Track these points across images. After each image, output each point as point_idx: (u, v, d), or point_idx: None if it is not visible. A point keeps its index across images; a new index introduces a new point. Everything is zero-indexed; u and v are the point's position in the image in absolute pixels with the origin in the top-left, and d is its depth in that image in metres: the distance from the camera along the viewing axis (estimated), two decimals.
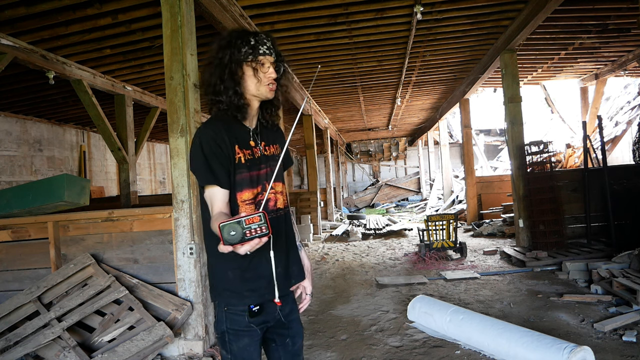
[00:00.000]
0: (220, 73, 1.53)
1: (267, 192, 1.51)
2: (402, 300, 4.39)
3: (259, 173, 1.55)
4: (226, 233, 1.17)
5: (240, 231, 1.16)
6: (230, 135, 1.52)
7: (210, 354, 3.29)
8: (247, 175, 1.52)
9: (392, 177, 20.87)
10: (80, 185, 3.79)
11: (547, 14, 5.18)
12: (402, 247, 7.82)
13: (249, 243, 1.19)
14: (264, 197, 1.51)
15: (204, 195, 1.52)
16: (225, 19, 4.32)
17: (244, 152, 1.53)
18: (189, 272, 3.39)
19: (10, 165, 8.14)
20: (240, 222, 1.17)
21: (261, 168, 1.56)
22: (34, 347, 2.99)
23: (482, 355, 3.03)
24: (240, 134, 1.56)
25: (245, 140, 1.56)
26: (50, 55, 5.23)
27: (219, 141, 1.49)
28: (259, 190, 1.55)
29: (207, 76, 1.57)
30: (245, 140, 1.56)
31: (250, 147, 1.56)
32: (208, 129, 1.52)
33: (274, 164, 1.55)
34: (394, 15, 5.30)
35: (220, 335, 1.57)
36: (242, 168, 1.51)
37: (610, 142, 9.35)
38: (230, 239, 1.17)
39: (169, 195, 6.36)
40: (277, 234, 1.51)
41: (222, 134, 1.50)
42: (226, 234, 1.17)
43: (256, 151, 1.57)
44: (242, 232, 1.16)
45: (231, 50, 1.52)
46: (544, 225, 5.87)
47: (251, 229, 1.17)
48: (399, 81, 8.63)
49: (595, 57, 7.99)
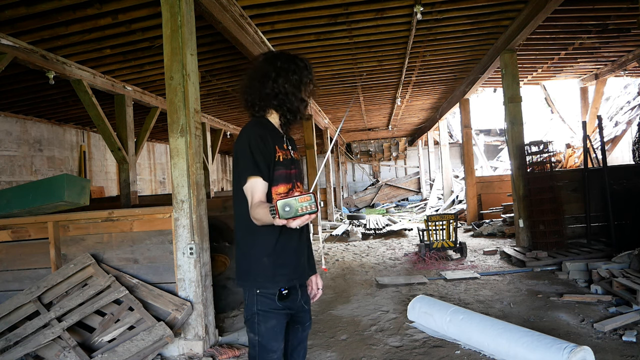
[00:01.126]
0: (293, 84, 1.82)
1: (301, 189, 1.84)
2: (402, 300, 4.39)
3: (291, 172, 1.81)
4: (281, 209, 1.33)
5: (294, 207, 1.32)
6: (272, 136, 1.79)
7: (210, 354, 3.29)
8: (284, 172, 1.77)
9: (392, 177, 20.85)
10: (80, 185, 3.79)
11: (547, 14, 5.18)
12: (402, 247, 7.82)
13: (301, 218, 1.37)
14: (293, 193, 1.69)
15: (244, 186, 1.71)
16: (225, 19, 4.32)
17: (282, 153, 1.80)
18: (189, 272, 3.39)
19: (10, 165, 8.14)
20: (295, 200, 1.33)
21: (292, 168, 1.82)
22: (34, 347, 2.99)
23: (482, 355, 3.03)
24: (278, 137, 1.83)
25: (281, 143, 1.83)
26: (50, 55, 5.23)
27: (264, 139, 1.74)
28: (291, 186, 1.79)
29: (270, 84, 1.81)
30: (281, 143, 1.83)
31: (284, 149, 1.83)
32: (256, 127, 1.79)
33: (299, 167, 1.88)
34: (394, 15, 5.30)
35: (250, 317, 1.77)
36: (280, 165, 1.76)
37: (610, 142, 9.35)
38: (285, 214, 1.32)
39: (169, 195, 6.36)
40: (301, 228, 1.78)
41: (267, 134, 1.77)
42: (281, 210, 1.33)
43: (287, 154, 1.83)
44: (296, 209, 1.32)
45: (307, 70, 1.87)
46: (544, 225, 5.87)
47: (303, 206, 1.33)
48: (399, 81, 8.63)
49: (595, 57, 7.98)
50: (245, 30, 4.83)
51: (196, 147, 3.47)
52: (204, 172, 4.02)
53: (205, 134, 9.70)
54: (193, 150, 3.42)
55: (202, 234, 3.48)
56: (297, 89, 1.82)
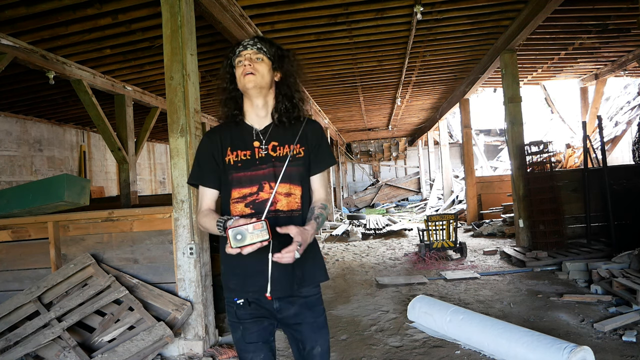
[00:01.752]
0: (221, 78, 1.66)
1: (273, 192, 1.55)
2: (402, 300, 4.39)
3: (257, 173, 1.57)
4: (233, 238, 1.30)
5: (246, 235, 1.30)
6: (224, 138, 1.63)
7: (210, 354, 3.29)
8: (239, 175, 1.58)
9: (392, 177, 20.85)
10: (81, 185, 3.78)
11: (547, 14, 5.18)
12: (402, 247, 7.82)
13: (252, 246, 1.33)
14: (259, 197, 1.56)
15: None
16: (225, 19, 4.32)
17: (238, 153, 1.60)
18: (189, 272, 3.39)
19: (10, 165, 8.14)
20: (246, 228, 1.30)
21: (261, 168, 1.58)
22: (34, 347, 2.99)
23: (482, 355, 3.03)
24: (239, 136, 1.63)
25: (246, 141, 1.61)
26: (50, 55, 5.23)
27: (210, 145, 1.62)
28: (254, 189, 1.57)
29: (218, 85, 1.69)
30: (245, 141, 1.61)
31: (253, 147, 1.60)
32: (205, 135, 1.68)
33: (285, 163, 1.58)
34: (394, 15, 5.30)
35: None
36: (231, 169, 1.59)
37: (610, 142, 9.35)
38: (236, 242, 1.31)
39: (169, 195, 6.35)
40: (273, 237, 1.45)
41: (216, 138, 1.63)
42: (233, 239, 1.30)
43: (259, 151, 1.59)
44: (247, 237, 1.30)
45: (227, 56, 1.65)
46: (544, 225, 5.87)
47: (254, 234, 1.30)
48: (399, 81, 8.63)
49: (595, 57, 7.98)
50: (245, 30, 4.82)
51: (196, 147, 3.47)
52: None
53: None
54: (193, 150, 3.42)
55: (202, 234, 3.48)
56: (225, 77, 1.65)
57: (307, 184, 1.63)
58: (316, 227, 1.55)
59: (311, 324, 1.64)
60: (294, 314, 1.62)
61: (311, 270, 1.64)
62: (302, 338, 1.64)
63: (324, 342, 1.65)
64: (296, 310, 1.62)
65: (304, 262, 1.58)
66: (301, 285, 1.61)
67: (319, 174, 1.65)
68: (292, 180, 1.59)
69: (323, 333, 1.66)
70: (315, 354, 1.64)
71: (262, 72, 1.58)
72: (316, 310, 1.65)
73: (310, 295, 1.64)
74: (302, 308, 1.62)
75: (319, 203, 1.62)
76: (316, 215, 1.57)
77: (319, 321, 1.65)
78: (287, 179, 1.57)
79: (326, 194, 1.67)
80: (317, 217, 1.57)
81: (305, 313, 1.63)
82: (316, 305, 1.65)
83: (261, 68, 1.58)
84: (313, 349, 1.64)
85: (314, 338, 1.64)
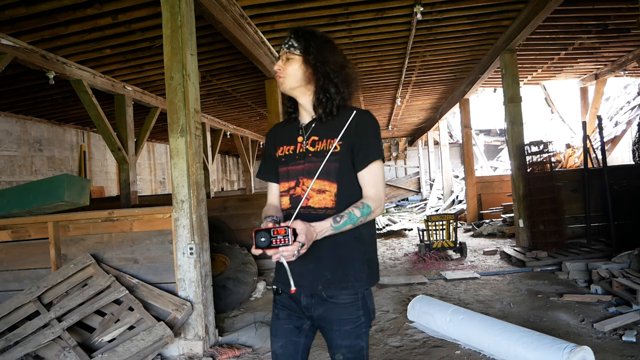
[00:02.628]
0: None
1: (307, 189, 1.53)
2: (402, 300, 4.39)
3: (295, 168, 1.58)
4: (257, 239, 1.36)
5: (269, 238, 1.34)
6: (277, 134, 1.70)
7: (210, 354, 3.29)
8: (283, 170, 1.62)
9: (392, 177, 20.85)
10: (81, 185, 3.78)
11: (547, 14, 5.18)
12: (402, 247, 7.82)
13: (274, 251, 1.36)
14: (295, 192, 1.57)
15: None
16: (225, 19, 4.32)
17: (284, 148, 1.63)
18: (189, 272, 3.39)
19: (10, 165, 8.14)
20: (269, 231, 1.35)
21: (299, 163, 1.57)
22: (34, 347, 2.99)
23: (482, 355, 3.03)
24: (289, 131, 1.66)
25: (292, 136, 1.64)
26: (50, 55, 5.23)
27: (268, 141, 1.72)
28: (292, 184, 1.58)
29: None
30: (293, 136, 1.64)
31: (296, 142, 1.62)
32: (268, 132, 1.78)
33: (323, 159, 1.51)
34: (394, 15, 5.30)
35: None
36: (279, 163, 1.64)
37: (610, 142, 9.35)
38: (260, 243, 1.36)
39: (169, 195, 6.36)
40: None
41: (271, 134, 1.73)
42: (257, 239, 1.36)
43: (300, 147, 1.60)
44: (269, 240, 1.34)
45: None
46: (544, 225, 5.87)
47: (277, 238, 1.34)
48: (399, 81, 8.63)
49: (595, 57, 7.98)
50: (245, 30, 4.83)
51: (196, 147, 3.47)
52: (204, 172, 4.02)
53: (205, 134, 9.70)
54: (193, 150, 3.42)
55: (202, 234, 3.48)
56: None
57: (347, 181, 1.53)
58: (334, 225, 1.45)
59: (336, 330, 1.54)
60: (321, 316, 1.56)
61: (343, 272, 1.53)
62: (328, 341, 1.59)
63: (348, 352, 1.53)
64: (323, 313, 1.55)
65: (334, 263, 1.52)
66: (328, 287, 1.53)
67: (364, 170, 1.54)
68: (327, 177, 1.52)
69: (348, 342, 1.53)
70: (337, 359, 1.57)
71: (291, 73, 1.56)
72: (346, 318, 1.53)
73: (341, 301, 1.53)
74: (328, 312, 1.54)
75: (359, 201, 1.51)
76: (342, 214, 1.47)
77: (346, 330, 1.53)
78: (321, 175, 1.52)
79: (375, 192, 1.53)
80: (341, 216, 1.46)
81: (331, 317, 1.54)
82: (346, 312, 1.53)
83: (291, 69, 1.57)
84: (334, 355, 1.57)
85: (336, 345, 1.55)
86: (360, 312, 1.54)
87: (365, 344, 1.56)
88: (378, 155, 1.53)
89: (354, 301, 1.54)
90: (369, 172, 1.53)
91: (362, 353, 1.55)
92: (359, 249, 1.55)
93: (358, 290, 1.54)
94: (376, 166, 1.53)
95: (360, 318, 1.54)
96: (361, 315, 1.54)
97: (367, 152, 1.53)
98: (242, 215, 5.99)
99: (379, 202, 1.52)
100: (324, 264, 1.52)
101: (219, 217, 5.94)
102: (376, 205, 1.51)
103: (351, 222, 1.46)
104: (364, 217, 1.48)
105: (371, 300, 1.60)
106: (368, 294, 1.58)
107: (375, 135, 1.55)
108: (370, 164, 1.53)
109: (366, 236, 1.57)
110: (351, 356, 1.54)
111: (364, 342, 1.56)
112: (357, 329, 1.54)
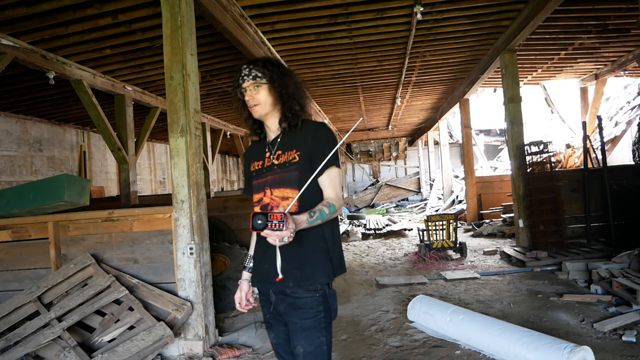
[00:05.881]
0: (236, 102, 1.83)
1: (272, 197, 1.71)
2: (402, 300, 4.40)
3: (262, 180, 1.76)
4: (255, 221, 1.45)
5: (265, 222, 1.44)
6: (251, 152, 1.88)
7: (210, 354, 3.29)
8: (255, 183, 1.80)
9: (392, 177, 20.85)
10: (81, 185, 3.78)
11: (547, 14, 5.18)
12: (402, 247, 7.82)
13: (267, 235, 1.45)
14: (263, 202, 1.73)
15: None
16: (225, 19, 4.32)
17: (255, 164, 1.82)
18: (189, 272, 3.39)
19: (10, 165, 8.14)
20: (267, 216, 1.44)
21: (266, 176, 1.75)
22: (34, 347, 2.99)
23: (482, 355, 3.03)
24: (260, 148, 1.84)
25: (261, 153, 1.82)
26: (50, 55, 5.23)
27: (246, 161, 1.91)
28: (261, 195, 1.74)
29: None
30: (262, 153, 1.82)
31: (264, 157, 1.79)
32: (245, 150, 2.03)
33: (286, 169, 1.71)
34: (394, 15, 5.30)
35: None
36: (252, 178, 1.82)
37: (610, 142, 9.35)
38: (257, 225, 1.45)
39: (169, 195, 6.36)
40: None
41: (247, 153, 1.91)
42: (254, 221, 1.45)
43: (267, 161, 1.77)
44: (265, 224, 1.44)
45: (234, 84, 1.79)
46: (544, 225, 5.87)
47: (273, 222, 1.43)
48: (399, 81, 8.63)
49: (595, 57, 7.98)
50: (245, 30, 4.83)
51: (196, 147, 3.48)
52: (204, 172, 4.02)
53: (205, 134, 9.70)
54: (193, 150, 3.42)
55: (202, 234, 3.48)
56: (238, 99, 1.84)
57: (309, 187, 1.61)
58: (309, 219, 1.57)
59: (295, 323, 1.66)
60: (284, 310, 1.69)
61: (310, 270, 1.66)
62: (290, 334, 1.69)
63: (307, 344, 1.64)
64: (285, 308, 1.69)
65: (303, 263, 1.66)
66: (298, 285, 1.65)
67: (323, 175, 1.69)
68: (288, 185, 1.69)
69: (306, 335, 1.64)
70: (298, 353, 1.66)
71: (262, 100, 1.73)
72: (305, 312, 1.65)
73: (302, 297, 1.65)
74: (289, 307, 1.67)
75: (325, 201, 1.67)
76: (314, 210, 1.60)
77: (306, 323, 1.64)
78: (282, 184, 1.70)
79: (335, 193, 1.70)
80: (314, 212, 1.59)
81: (291, 312, 1.67)
82: (306, 306, 1.65)
83: (262, 96, 1.73)
84: (295, 348, 1.67)
85: (296, 337, 1.66)
86: (321, 307, 1.66)
87: (325, 340, 1.66)
88: (334, 162, 1.69)
89: (314, 296, 1.66)
90: (329, 177, 1.69)
91: (322, 348, 1.65)
92: (322, 247, 1.70)
93: (318, 285, 1.67)
94: (334, 171, 1.71)
95: (320, 313, 1.66)
96: (321, 310, 1.66)
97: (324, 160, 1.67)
98: (242, 215, 5.98)
99: (339, 202, 1.69)
100: (292, 263, 1.63)
101: (219, 217, 5.93)
102: (338, 204, 1.68)
103: (321, 218, 1.61)
104: (330, 215, 1.64)
105: (334, 301, 1.72)
106: (331, 294, 1.71)
107: (331, 143, 1.71)
108: (328, 170, 1.69)
109: (328, 235, 1.72)
110: (310, 349, 1.64)
111: (324, 337, 1.66)
112: (316, 322, 1.65)
